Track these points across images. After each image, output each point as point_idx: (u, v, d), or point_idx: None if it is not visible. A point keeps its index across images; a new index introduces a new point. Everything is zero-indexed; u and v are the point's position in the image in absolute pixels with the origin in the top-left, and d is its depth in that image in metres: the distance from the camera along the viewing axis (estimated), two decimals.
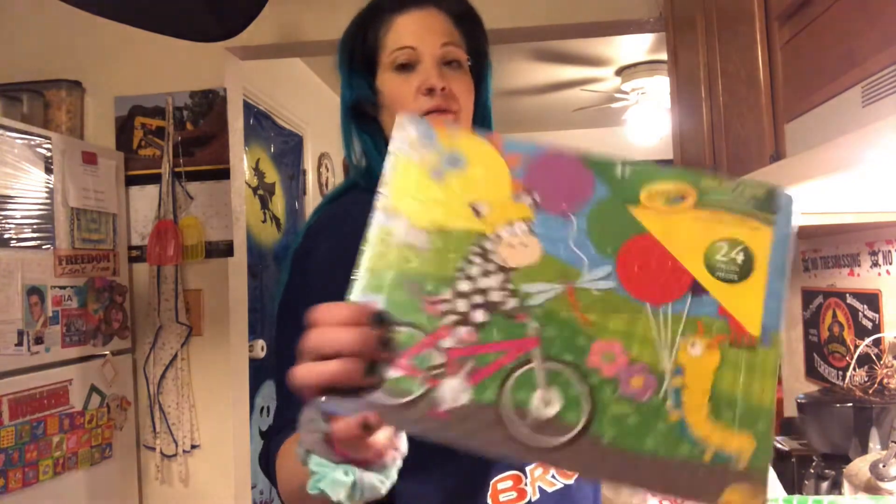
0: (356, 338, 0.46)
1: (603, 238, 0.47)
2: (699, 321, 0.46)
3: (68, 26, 2.63)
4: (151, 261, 2.53)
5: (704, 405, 0.45)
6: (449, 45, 0.90)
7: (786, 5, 1.15)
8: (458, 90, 0.89)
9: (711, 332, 0.46)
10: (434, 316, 0.47)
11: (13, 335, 1.97)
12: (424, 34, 0.89)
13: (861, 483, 1.05)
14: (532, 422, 0.45)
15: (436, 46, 0.89)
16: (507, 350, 0.47)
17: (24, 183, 2.05)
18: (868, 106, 0.87)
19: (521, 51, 3.71)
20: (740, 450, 0.44)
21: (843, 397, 1.25)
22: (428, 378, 0.46)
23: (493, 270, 0.48)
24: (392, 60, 0.90)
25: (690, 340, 0.45)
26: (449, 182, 0.49)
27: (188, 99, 2.61)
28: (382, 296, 0.48)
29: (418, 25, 0.90)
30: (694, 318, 0.46)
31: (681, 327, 0.46)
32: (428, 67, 0.88)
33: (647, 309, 0.46)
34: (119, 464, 2.42)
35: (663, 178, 0.48)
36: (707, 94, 1.65)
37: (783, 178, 0.88)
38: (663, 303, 0.46)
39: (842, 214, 1.25)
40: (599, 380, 0.46)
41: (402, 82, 0.89)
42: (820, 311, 1.72)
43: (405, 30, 0.90)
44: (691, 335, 0.46)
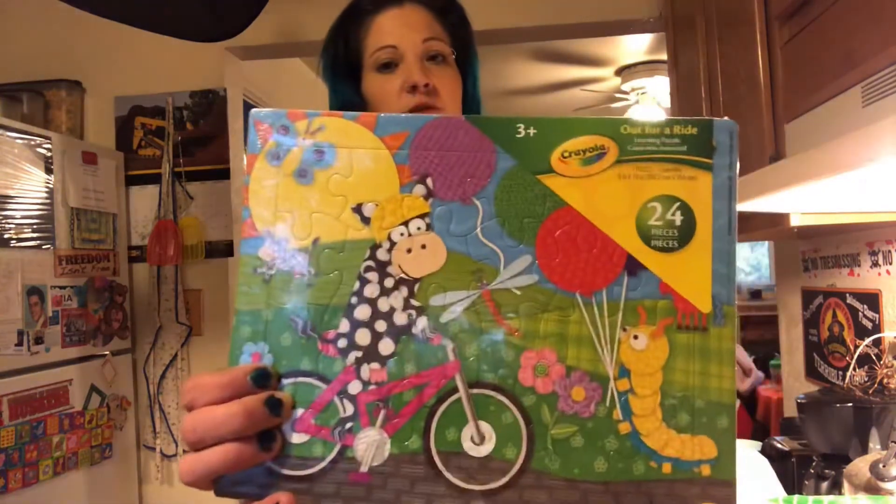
0: (234, 415, 0.38)
1: (515, 221, 0.39)
2: (640, 306, 0.38)
3: (68, 26, 2.63)
4: (151, 261, 2.53)
5: (656, 409, 0.38)
6: (431, 40, 0.89)
7: (786, 5, 1.15)
8: (443, 85, 0.88)
9: (655, 317, 0.38)
10: (331, 357, 0.39)
11: (13, 335, 1.97)
12: (405, 31, 0.88)
13: (861, 483, 1.05)
14: (468, 465, 0.38)
15: (417, 42, 0.88)
16: (426, 382, 0.39)
17: (24, 183, 2.05)
18: (868, 106, 0.87)
19: (521, 51, 3.71)
20: (701, 457, 0.38)
21: (843, 397, 1.25)
22: (340, 435, 0.38)
23: (393, 286, 0.39)
24: (374, 61, 0.89)
25: (632, 332, 0.38)
26: (320, 183, 0.40)
27: (188, 99, 2.61)
28: (263, 344, 0.39)
29: (398, 23, 0.89)
30: (633, 303, 0.39)
31: (619, 317, 0.38)
32: (410, 64, 0.87)
33: (578, 301, 0.39)
34: (119, 464, 2.43)
35: (575, 132, 0.39)
36: (707, 94, 1.65)
37: (783, 178, 0.88)
38: (595, 290, 0.39)
39: (842, 214, 1.25)
40: (535, 399, 0.38)
41: (385, 82, 0.88)
42: (820, 311, 1.72)
43: (385, 29, 0.89)
44: (632, 325, 0.38)
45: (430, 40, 0.89)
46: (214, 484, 0.39)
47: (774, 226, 1.27)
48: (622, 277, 0.39)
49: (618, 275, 0.39)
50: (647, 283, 0.39)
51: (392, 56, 0.88)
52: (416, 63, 0.87)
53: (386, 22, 0.89)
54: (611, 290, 0.39)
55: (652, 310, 0.39)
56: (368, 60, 0.89)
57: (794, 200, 1.04)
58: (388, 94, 0.87)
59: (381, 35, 0.89)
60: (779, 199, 1.00)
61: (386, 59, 0.88)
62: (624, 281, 0.39)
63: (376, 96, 0.89)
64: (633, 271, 0.39)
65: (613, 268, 0.39)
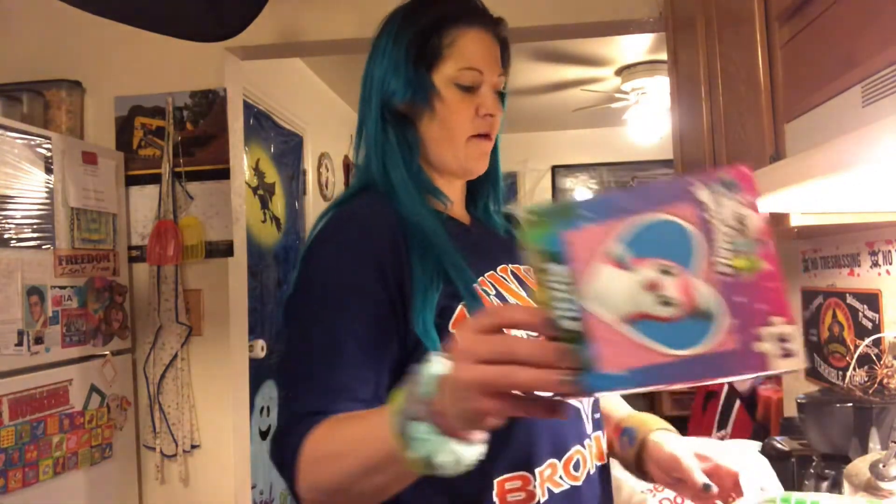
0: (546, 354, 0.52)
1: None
2: None
3: (68, 26, 2.63)
4: (151, 261, 2.53)
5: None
6: (502, 76, 0.97)
7: (786, 5, 1.15)
8: (499, 117, 0.97)
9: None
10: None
11: (13, 335, 1.97)
12: (490, 60, 0.94)
13: (861, 483, 1.05)
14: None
15: (495, 74, 0.95)
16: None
17: (24, 183, 2.05)
18: (868, 106, 0.87)
19: (521, 51, 3.71)
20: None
21: (843, 397, 1.25)
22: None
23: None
24: (458, 77, 0.92)
25: None
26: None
27: (188, 99, 2.61)
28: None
29: (484, 49, 0.94)
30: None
31: None
32: (487, 93, 0.94)
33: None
34: (119, 464, 2.42)
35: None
36: (707, 94, 1.65)
37: (783, 178, 0.88)
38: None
39: (842, 214, 1.25)
40: None
41: (462, 100, 0.93)
42: (820, 311, 1.72)
43: (474, 50, 0.93)
44: None
45: (502, 76, 0.97)
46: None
47: (774, 226, 1.27)
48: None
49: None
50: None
51: (476, 80, 0.93)
52: (490, 93, 0.94)
53: (474, 42, 0.94)
54: None
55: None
56: (450, 71, 0.93)
57: (794, 200, 1.04)
58: (465, 113, 0.93)
59: (472, 56, 0.93)
60: (779, 199, 1.00)
61: (470, 83, 0.93)
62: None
63: (450, 109, 0.93)
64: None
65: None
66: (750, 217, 0.50)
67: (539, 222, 0.53)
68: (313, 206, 3.88)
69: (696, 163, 1.77)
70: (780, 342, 0.48)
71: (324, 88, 4.04)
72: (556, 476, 0.84)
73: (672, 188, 0.51)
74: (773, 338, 0.48)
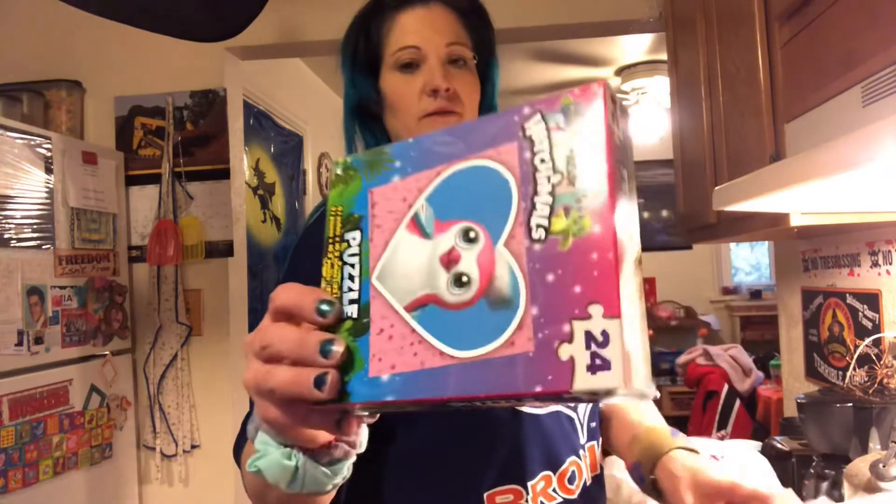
0: (287, 341, 0.42)
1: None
2: None
3: (68, 26, 2.63)
4: (151, 261, 2.53)
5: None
6: (454, 45, 0.87)
7: (786, 5, 1.15)
8: (463, 90, 0.87)
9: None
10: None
11: (13, 335, 1.97)
12: (429, 33, 0.87)
13: (861, 483, 1.05)
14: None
15: (441, 46, 0.86)
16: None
17: (24, 183, 2.05)
18: (868, 106, 0.87)
19: (521, 51, 3.71)
20: None
21: (843, 397, 1.25)
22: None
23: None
24: (395, 60, 0.87)
25: None
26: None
27: (188, 99, 2.61)
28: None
29: (423, 23, 0.87)
30: None
31: None
32: (432, 67, 0.86)
33: None
34: (119, 464, 2.42)
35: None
36: (707, 94, 1.65)
37: (783, 178, 0.88)
38: None
39: (842, 214, 1.25)
40: None
41: (406, 82, 0.87)
42: (820, 311, 1.72)
43: (409, 28, 0.87)
44: None
45: (454, 44, 0.87)
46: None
47: (774, 226, 1.27)
48: None
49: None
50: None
51: (414, 57, 0.86)
52: (438, 66, 0.86)
53: (410, 21, 0.87)
54: None
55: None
56: (389, 58, 0.88)
57: (794, 200, 1.04)
58: (408, 95, 0.87)
59: (405, 34, 0.87)
60: (779, 199, 1.00)
61: (408, 60, 0.86)
62: None
63: (395, 95, 0.88)
64: None
65: None
66: (587, 156, 0.35)
67: (345, 176, 0.43)
68: (313, 205, 3.88)
69: (697, 163, 1.77)
70: (593, 344, 0.32)
71: (324, 88, 4.04)
72: (549, 489, 0.79)
73: (500, 123, 0.39)
74: (586, 337, 0.33)
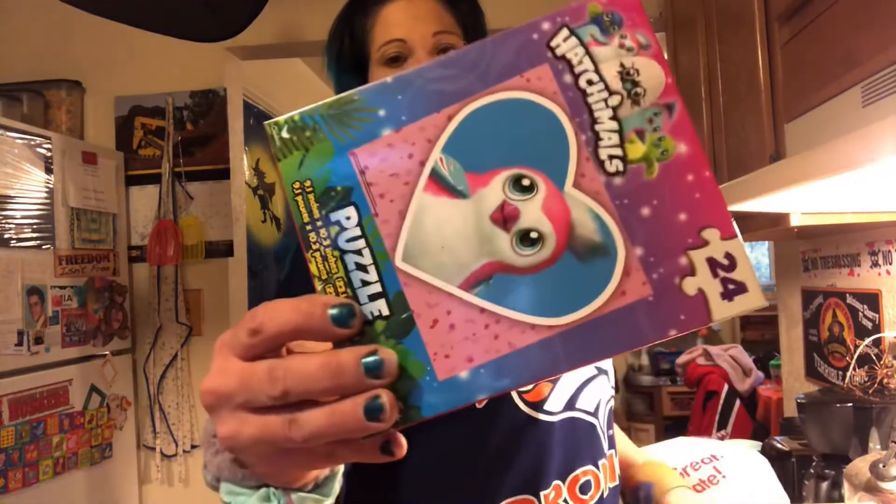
0: (319, 369, 0.31)
1: None
2: None
3: (68, 26, 2.63)
4: (151, 261, 2.53)
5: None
6: (441, 34, 0.83)
7: (786, 5, 1.15)
8: None
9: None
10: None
11: (13, 335, 1.97)
12: (414, 23, 0.83)
13: (861, 483, 1.05)
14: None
15: (427, 36, 0.82)
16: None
17: (24, 183, 2.05)
18: (868, 106, 0.87)
19: None
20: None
21: (843, 397, 1.25)
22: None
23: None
24: (381, 55, 0.83)
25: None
26: None
27: (188, 99, 2.61)
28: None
29: (407, 14, 0.83)
30: None
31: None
32: (420, 59, 0.82)
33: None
34: (119, 464, 2.42)
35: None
36: (707, 94, 1.65)
37: (783, 178, 0.88)
38: None
39: (842, 214, 1.24)
40: None
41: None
42: (820, 311, 1.72)
43: (393, 20, 0.83)
44: None
45: (441, 33, 0.83)
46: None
47: (774, 226, 1.27)
48: None
49: None
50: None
51: (400, 50, 0.82)
52: (425, 58, 0.82)
53: (394, 13, 0.84)
54: None
55: None
56: (375, 54, 0.84)
57: (794, 200, 1.04)
58: None
59: (389, 27, 0.83)
60: (779, 199, 1.00)
61: (394, 54, 0.83)
62: None
63: None
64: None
65: None
66: (645, 70, 0.30)
67: (297, 140, 0.32)
68: None
69: None
70: (720, 270, 0.29)
71: (324, 88, 4.04)
72: (560, 499, 0.76)
73: (514, 45, 0.32)
74: (710, 265, 0.29)
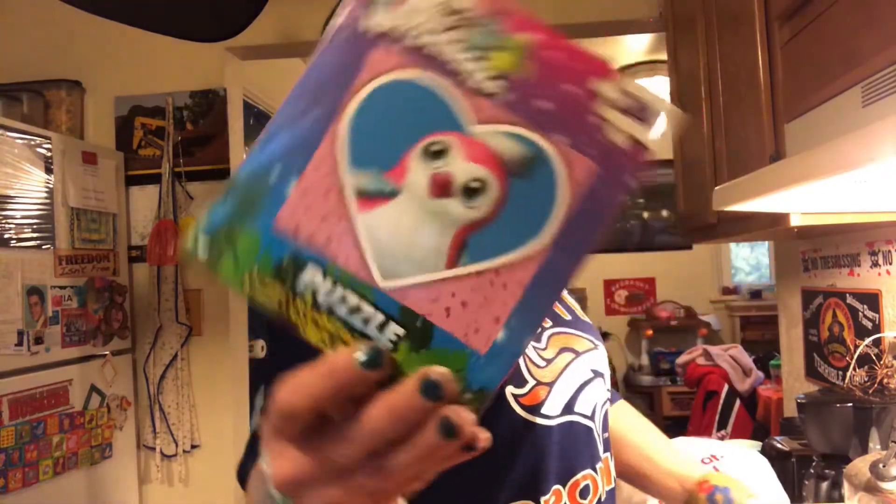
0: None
1: None
2: None
3: (68, 26, 2.63)
4: (151, 261, 2.53)
5: None
6: None
7: (786, 5, 1.15)
8: None
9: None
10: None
11: (13, 335, 1.97)
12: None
13: (861, 483, 1.05)
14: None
15: None
16: None
17: (24, 183, 2.05)
18: (868, 106, 0.87)
19: None
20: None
21: (843, 397, 1.25)
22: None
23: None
24: None
25: None
26: None
27: (188, 99, 2.61)
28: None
29: None
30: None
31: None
32: None
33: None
34: (119, 464, 2.42)
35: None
36: (707, 94, 1.65)
37: (783, 178, 0.88)
38: None
39: (842, 214, 1.24)
40: None
41: None
42: (820, 311, 1.72)
43: None
44: None
45: None
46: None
47: (774, 226, 1.27)
48: None
49: None
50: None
51: None
52: None
53: None
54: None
55: None
56: None
57: (794, 200, 1.04)
58: None
59: None
60: (779, 199, 1.00)
61: None
62: None
63: None
64: None
65: None
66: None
67: (218, 247, 0.31)
68: None
69: (697, 163, 1.77)
70: (625, 107, 0.31)
71: None
72: (560, 503, 0.75)
73: (337, 48, 0.32)
74: (616, 109, 0.30)
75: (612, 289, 5.61)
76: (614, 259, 5.55)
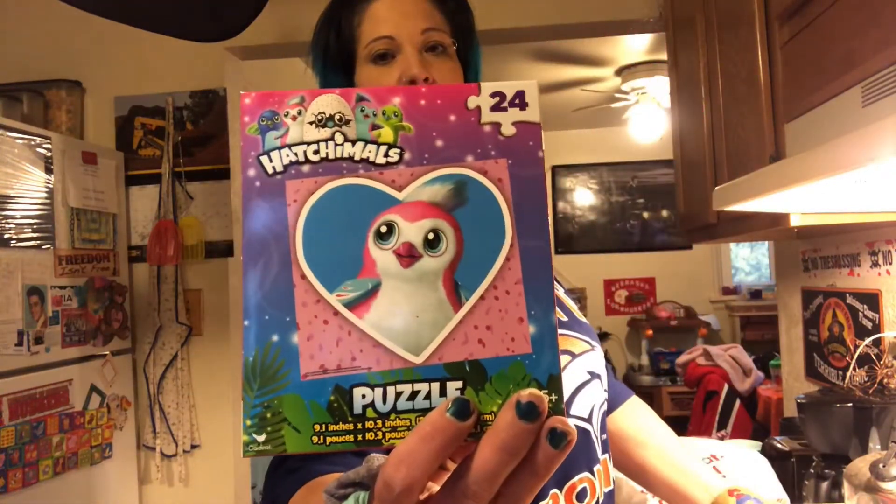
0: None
1: None
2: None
3: (68, 26, 2.63)
4: (151, 261, 2.53)
5: None
6: (430, 31, 0.82)
7: (786, 5, 1.15)
8: (443, 79, 0.82)
9: None
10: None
11: (13, 335, 1.97)
12: (402, 20, 0.82)
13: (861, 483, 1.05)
14: None
15: (415, 33, 0.81)
16: None
17: (24, 183, 2.05)
18: (868, 106, 0.87)
19: (522, 51, 3.71)
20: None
21: (843, 397, 1.25)
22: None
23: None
24: (369, 52, 0.82)
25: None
26: None
27: (188, 99, 2.61)
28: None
29: (395, 11, 0.82)
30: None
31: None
32: (408, 56, 0.81)
33: None
34: (119, 464, 2.42)
35: None
36: (707, 94, 1.65)
37: (783, 178, 0.88)
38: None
39: (842, 214, 1.25)
40: None
41: (382, 74, 0.82)
42: (820, 311, 1.72)
43: (381, 17, 0.82)
44: None
45: (430, 31, 0.82)
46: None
47: (774, 226, 1.27)
48: None
49: None
50: None
51: (389, 47, 0.81)
52: (414, 55, 0.81)
53: (382, 10, 0.83)
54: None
55: None
56: (363, 52, 0.83)
57: (794, 200, 1.04)
58: (385, 85, 0.81)
59: (377, 24, 0.82)
60: (779, 199, 1.00)
61: (382, 51, 0.81)
62: None
63: (372, 85, 0.82)
64: None
65: None
66: (317, 103, 0.35)
67: (272, 422, 0.33)
68: None
69: (697, 163, 1.77)
70: (500, 105, 0.35)
71: None
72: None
73: (257, 200, 0.35)
74: (494, 108, 0.35)
75: (612, 289, 5.61)
76: (614, 259, 5.56)
